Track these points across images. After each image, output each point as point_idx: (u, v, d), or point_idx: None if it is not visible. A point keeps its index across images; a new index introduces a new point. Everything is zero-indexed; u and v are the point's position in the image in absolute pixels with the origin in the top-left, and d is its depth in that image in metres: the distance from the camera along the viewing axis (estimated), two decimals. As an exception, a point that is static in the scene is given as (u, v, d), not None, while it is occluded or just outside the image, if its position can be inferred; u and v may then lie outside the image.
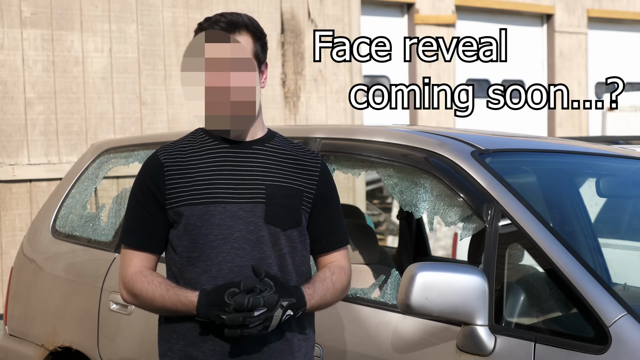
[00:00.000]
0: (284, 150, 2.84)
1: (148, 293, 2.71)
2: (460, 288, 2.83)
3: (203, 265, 2.71)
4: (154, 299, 2.70)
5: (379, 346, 3.17)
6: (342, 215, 2.91)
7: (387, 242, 10.73)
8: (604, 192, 4.13)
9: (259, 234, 2.73)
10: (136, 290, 2.74)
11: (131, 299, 2.78)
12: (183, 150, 2.79)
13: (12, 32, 7.45)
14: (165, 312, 2.73)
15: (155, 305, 2.72)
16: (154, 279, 2.72)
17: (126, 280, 2.77)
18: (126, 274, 2.77)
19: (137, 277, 2.74)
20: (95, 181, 4.67)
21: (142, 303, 2.75)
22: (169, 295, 2.68)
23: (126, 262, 2.79)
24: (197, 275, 2.72)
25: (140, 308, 2.80)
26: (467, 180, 3.20)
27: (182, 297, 2.66)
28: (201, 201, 2.71)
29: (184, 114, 8.32)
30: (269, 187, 2.75)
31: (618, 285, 3.64)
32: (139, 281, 2.73)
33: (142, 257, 2.78)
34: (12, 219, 7.46)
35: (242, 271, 2.70)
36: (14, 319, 4.66)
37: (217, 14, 2.80)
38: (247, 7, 8.61)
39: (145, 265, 2.77)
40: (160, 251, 2.81)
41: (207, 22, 2.78)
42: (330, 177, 2.89)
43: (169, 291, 2.68)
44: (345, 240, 2.91)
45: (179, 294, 2.67)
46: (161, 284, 2.70)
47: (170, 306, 2.68)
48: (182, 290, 2.67)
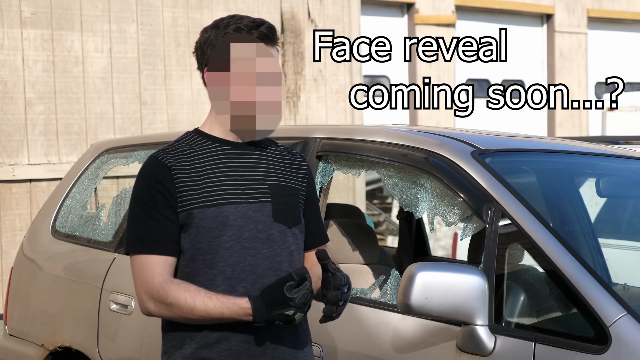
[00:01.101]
0: (276, 150, 2.87)
1: (188, 301, 2.63)
2: (460, 288, 2.83)
3: (219, 267, 2.70)
4: (194, 307, 2.62)
5: (379, 346, 3.17)
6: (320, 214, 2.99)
7: (387, 242, 10.72)
8: (604, 192, 4.13)
9: (269, 232, 2.74)
10: (171, 300, 2.64)
11: (162, 309, 2.67)
12: (184, 154, 2.77)
13: (12, 32, 7.45)
14: (207, 320, 2.66)
15: (195, 313, 2.64)
16: (190, 287, 2.65)
17: (155, 290, 2.66)
18: (154, 283, 2.67)
19: (170, 285, 2.65)
20: (95, 181, 4.67)
21: (179, 312, 2.65)
22: (212, 303, 2.62)
23: (148, 272, 2.68)
24: (212, 277, 2.70)
25: (171, 318, 2.70)
26: (467, 180, 3.20)
27: (231, 304, 2.61)
28: (214, 203, 2.70)
29: (184, 114, 8.32)
30: (272, 186, 2.77)
31: (618, 285, 3.64)
32: (174, 289, 2.64)
33: (164, 262, 2.70)
34: (12, 219, 7.46)
35: (254, 270, 2.71)
36: (14, 319, 4.66)
37: (244, 17, 2.77)
38: (247, 7, 8.61)
39: (169, 272, 2.69)
40: (179, 255, 2.73)
41: (245, 25, 2.75)
42: (313, 177, 2.96)
43: (211, 298, 2.62)
44: (326, 238, 2.97)
45: (224, 301, 2.61)
46: (199, 291, 2.63)
47: (215, 314, 2.63)
48: (227, 298, 2.63)
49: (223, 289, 2.69)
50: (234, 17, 2.79)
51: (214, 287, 2.69)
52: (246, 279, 2.70)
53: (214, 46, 2.76)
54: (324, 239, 2.95)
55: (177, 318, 2.68)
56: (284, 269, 2.73)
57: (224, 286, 2.69)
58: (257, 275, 2.70)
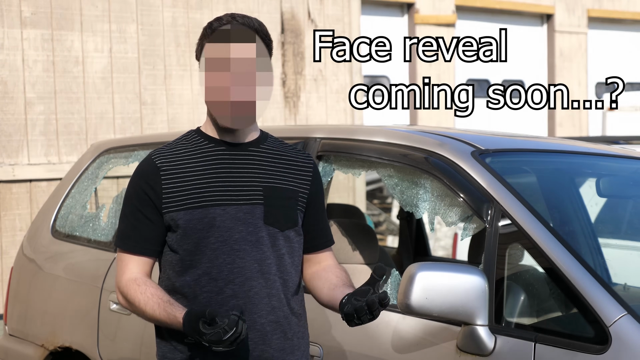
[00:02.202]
0: (277, 151, 2.85)
1: (140, 303, 2.71)
2: (460, 288, 2.83)
3: (204, 268, 2.72)
4: (145, 311, 2.71)
5: (379, 346, 3.17)
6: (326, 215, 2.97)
7: (387, 242, 10.72)
8: (604, 192, 4.13)
9: (259, 234, 2.73)
10: (130, 298, 2.74)
11: (126, 304, 2.79)
12: (178, 153, 2.78)
13: (12, 32, 7.45)
14: (158, 323, 2.74)
15: (146, 316, 2.72)
16: (147, 289, 2.71)
17: (121, 286, 2.77)
18: (121, 279, 2.77)
19: (131, 285, 2.74)
20: (95, 181, 4.67)
21: (136, 311, 2.76)
22: (159, 310, 2.67)
23: (122, 267, 2.78)
24: (198, 277, 2.72)
25: (135, 314, 2.80)
26: (467, 180, 3.20)
27: (172, 317, 2.65)
28: (200, 204, 2.71)
29: (184, 114, 8.32)
30: (266, 188, 2.76)
31: (618, 285, 3.64)
32: (132, 290, 2.73)
33: (138, 261, 2.77)
34: (12, 219, 7.46)
35: (242, 272, 2.71)
36: (14, 319, 4.66)
37: (228, 14, 2.78)
38: (247, 7, 8.61)
39: (142, 271, 2.77)
40: (157, 255, 2.80)
41: (218, 22, 2.76)
42: (320, 177, 2.93)
43: (159, 306, 2.67)
44: (332, 239, 2.96)
45: (168, 312, 2.65)
46: (153, 296, 2.69)
47: (162, 321, 2.68)
48: (173, 307, 2.66)
49: (209, 289, 2.70)
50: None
51: (198, 288, 2.71)
52: (234, 281, 2.71)
53: (195, 50, 2.82)
54: (328, 241, 2.93)
55: (137, 315, 2.77)
56: (272, 272, 2.74)
57: (209, 287, 2.71)
58: (245, 278, 2.71)
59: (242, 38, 2.70)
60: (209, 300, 2.71)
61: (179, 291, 2.75)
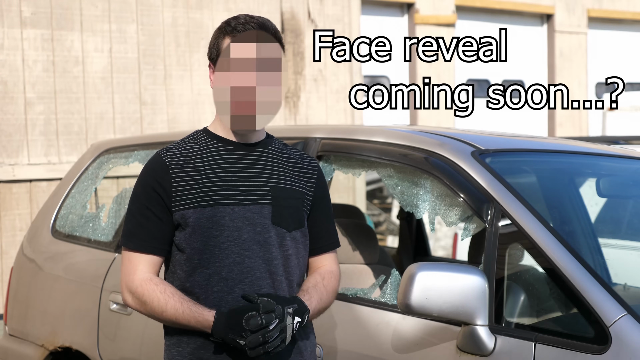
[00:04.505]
0: (284, 152, 2.86)
1: (160, 303, 2.67)
2: (461, 288, 2.83)
3: (214, 267, 2.71)
4: (165, 310, 2.67)
5: (379, 346, 3.17)
6: (333, 218, 2.95)
7: (387, 242, 10.72)
8: (604, 192, 4.13)
9: (267, 235, 2.74)
10: (146, 298, 2.69)
11: (137, 305, 2.73)
12: (187, 153, 2.78)
13: (12, 32, 7.45)
14: (175, 324, 2.70)
15: (165, 316, 2.68)
16: (167, 288, 2.69)
17: (134, 286, 2.72)
18: (133, 279, 2.72)
19: (147, 284, 2.70)
20: (95, 181, 4.67)
21: (151, 311, 2.70)
22: (182, 309, 2.65)
23: (132, 266, 2.74)
24: (208, 277, 2.71)
25: (146, 315, 2.75)
26: (467, 180, 3.20)
27: (197, 314, 2.63)
28: (210, 203, 2.71)
29: (184, 114, 8.32)
30: (274, 188, 2.77)
31: (618, 285, 3.64)
32: (149, 289, 2.69)
33: (148, 260, 2.74)
34: (12, 219, 7.46)
35: (252, 272, 2.71)
36: (14, 319, 4.66)
37: (246, 14, 2.79)
38: (247, 7, 8.62)
39: (152, 270, 2.74)
40: (165, 254, 2.77)
41: (236, 20, 2.76)
42: (325, 180, 2.93)
43: (182, 304, 2.66)
44: (337, 242, 2.94)
45: (193, 310, 2.64)
46: (174, 295, 2.67)
47: (183, 320, 2.66)
48: (197, 306, 2.65)
49: (219, 289, 2.70)
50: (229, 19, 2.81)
51: (209, 288, 2.70)
52: (244, 281, 2.71)
53: (210, 49, 2.80)
54: (332, 244, 2.92)
55: (149, 316, 2.73)
56: (279, 273, 2.74)
57: (220, 287, 2.70)
58: (254, 278, 2.71)
59: (268, 38, 2.72)
60: (219, 300, 2.70)
61: (189, 291, 2.73)
